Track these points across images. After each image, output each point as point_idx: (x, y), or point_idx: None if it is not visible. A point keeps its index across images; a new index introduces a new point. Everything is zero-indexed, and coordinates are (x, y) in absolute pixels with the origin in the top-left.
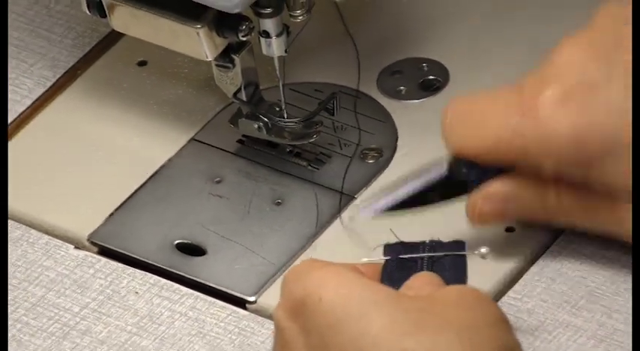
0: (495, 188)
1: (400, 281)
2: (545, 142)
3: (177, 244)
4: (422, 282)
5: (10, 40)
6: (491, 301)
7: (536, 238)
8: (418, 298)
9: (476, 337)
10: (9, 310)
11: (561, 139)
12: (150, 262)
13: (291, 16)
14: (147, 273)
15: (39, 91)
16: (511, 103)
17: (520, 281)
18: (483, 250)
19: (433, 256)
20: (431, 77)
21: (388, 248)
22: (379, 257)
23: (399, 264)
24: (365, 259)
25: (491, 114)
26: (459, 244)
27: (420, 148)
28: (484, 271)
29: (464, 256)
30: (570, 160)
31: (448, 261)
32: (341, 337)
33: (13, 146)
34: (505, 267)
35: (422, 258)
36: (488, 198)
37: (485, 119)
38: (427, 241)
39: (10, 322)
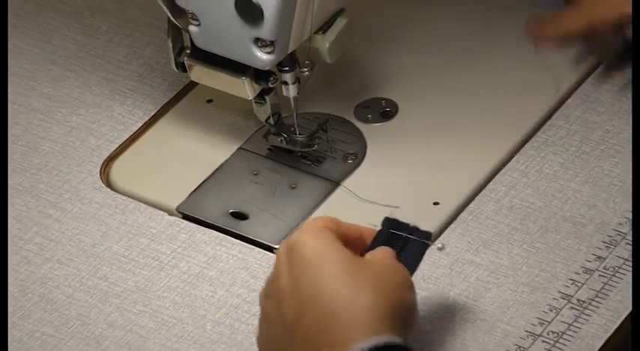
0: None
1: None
2: None
3: (231, 212)
4: (380, 254)
5: (126, 86)
6: (405, 271)
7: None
8: (363, 260)
9: (389, 293)
10: (126, 254)
11: None
12: (214, 223)
13: (300, 72)
14: (212, 230)
15: (146, 117)
16: None
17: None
18: (439, 245)
19: (409, 238)
20: (387, 109)
21: (387, 221)
22: (377, 224)
23: (388, 235)
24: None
25: None
26: (427, 235)
27: (382, 154)
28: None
29: (427, 244)
30: None
31: (415, 245)
32: (306, 275)
33: (130, 152)
34: None
35: (403, 236)
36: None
37: None
38: (411, 225)
39: (125, 261)
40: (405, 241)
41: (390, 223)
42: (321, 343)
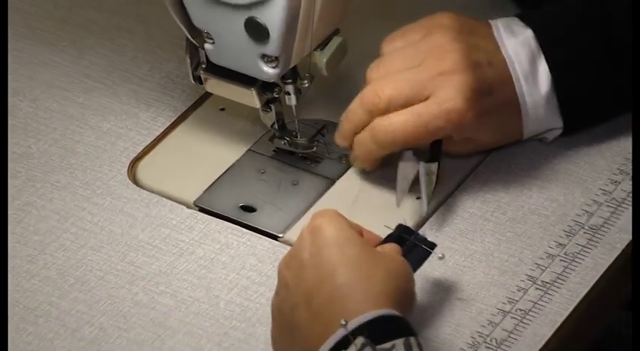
0: None
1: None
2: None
3: (241, 205)
4: (390, 248)
5: (150, 96)
6: (409, 266)
7: None
8: (376, 249)
9: (396, 280)
10: (149, 242)
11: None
12: (226, 215)
13: (301, 83)
14: (225, 221)
15: (167, 123)
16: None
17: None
18: (440, 255)
19: (416, 243)
20: None
21: (400, 226)
22: (388, 229)
23: (398, 237)
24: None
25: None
26: (432, 245)
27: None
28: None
29: (429, 252)
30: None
31: (420, 250)
32: (327, 253)
33: (154, 154)
34: None
35: (409, 240)
36: None
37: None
38: (419, 234)
39: (149, 248)
40: (413, 246)
41: (402, 228)
42: (334, 313)
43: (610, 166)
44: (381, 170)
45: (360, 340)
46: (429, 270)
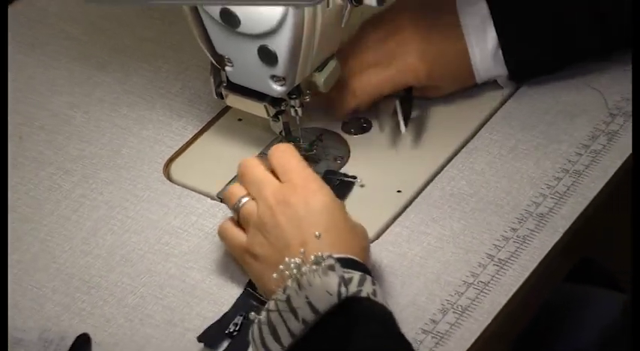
0: None
1: None
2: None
3: None
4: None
5: (181, 109)
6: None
7: None
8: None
9: (360, 238)
10: (177, 227)
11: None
12: None
13: (303, 98)
14: None
15: (195, 131)
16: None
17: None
18: (361, 184)
19: (342, 179)
20: (364, 125)
21: (326, 171)
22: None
23: (325, 180)
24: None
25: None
26: (353, 177)
27: (361, 157)
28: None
29: (353, 183)
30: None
31: (346, 183)
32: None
33: (184, 156)
34: None
35: (334, 179)
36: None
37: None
38: (348, 174)
39: (180, 231)
40: (340, 182)
41: (327, 172)
42: (292, 236)
43: (554, 165)
44: (367, 168)
45: (330, 260)
46: (407, 250)
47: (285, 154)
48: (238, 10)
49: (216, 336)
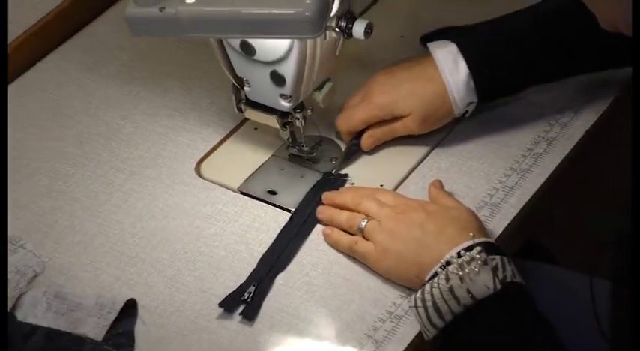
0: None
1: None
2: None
3: (268, 190)
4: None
5: (210, 120)
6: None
7: None
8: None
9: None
10: (206, 215)
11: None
12: (258, 197)
13: (306, 112)
14: (257, 200)
15: (219, 137)
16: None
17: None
18: (349, 178)
19: (335, 178)
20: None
21: (325, 173)
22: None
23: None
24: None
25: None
26: (345, 175)
27: (351, 158)
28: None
29: (346, 180)
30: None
31: (340, 181)
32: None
33: (212, 157)
34: None
35: (330, 177)
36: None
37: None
38: (341, 173)
39: (208, 217)
40: (336, 178)
41: (326, 174)
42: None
43: (504, 165)
44: (357, 167)
45: (478, 248)
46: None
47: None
48: (254, 42)
49: (232, 302)
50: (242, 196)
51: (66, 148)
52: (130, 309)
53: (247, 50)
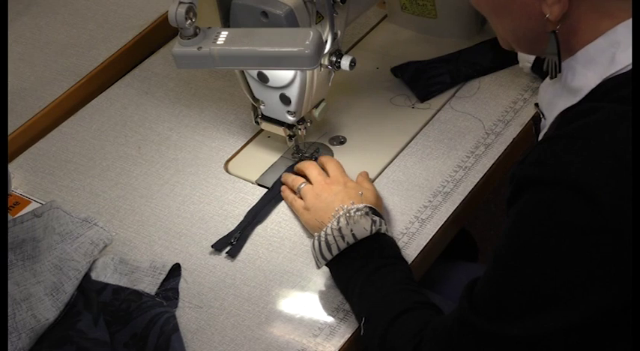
0: None
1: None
2: None
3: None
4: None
5: (234, 129)
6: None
7: None
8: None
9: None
10: (228, 201)
11: None
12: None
13: (306, 125)
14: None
15: (242, 143)
16: None
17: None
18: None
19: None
20: (342, 140)
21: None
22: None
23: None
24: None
25: None
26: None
27: (340, 158)
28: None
29: (316, 158)
30: None
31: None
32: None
33: (236, 158)
34: None
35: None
36: None
37: None
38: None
39: (234, 202)
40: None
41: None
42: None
43: (453, 163)
44: (346, 165)
45: (365, 206)
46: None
47: (332, 163)
48: (268, 73)
49: (222, 244)
50: (259, 187)
51: (128, 152)
52: (175, 271)
53: (262, 78)
